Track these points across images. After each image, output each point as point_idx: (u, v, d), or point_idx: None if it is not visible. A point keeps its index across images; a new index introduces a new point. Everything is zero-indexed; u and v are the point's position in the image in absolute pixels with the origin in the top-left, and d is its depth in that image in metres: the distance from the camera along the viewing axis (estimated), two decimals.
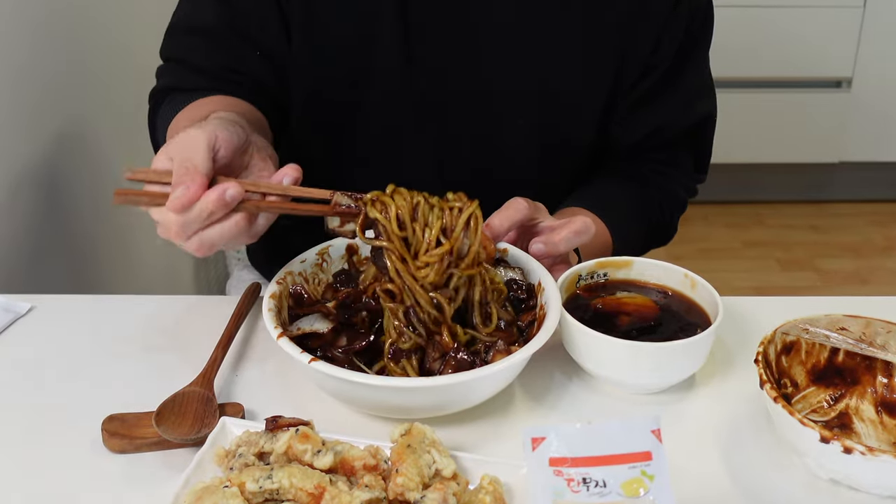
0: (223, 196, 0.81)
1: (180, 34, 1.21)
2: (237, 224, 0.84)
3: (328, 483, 0.77)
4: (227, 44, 1.18)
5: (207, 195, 0.81)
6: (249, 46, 1.18)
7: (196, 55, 1.19)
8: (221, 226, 0.83)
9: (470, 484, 0.81)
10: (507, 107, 1.20)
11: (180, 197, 0.80)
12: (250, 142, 0.92)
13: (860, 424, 0.92)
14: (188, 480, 0.78)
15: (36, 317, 1.09)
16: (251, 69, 1.18)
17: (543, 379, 0.99)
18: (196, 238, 0.84)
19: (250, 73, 1.18)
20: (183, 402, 0.91)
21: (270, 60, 1.18)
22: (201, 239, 0.84)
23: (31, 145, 1.43)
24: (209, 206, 0.81)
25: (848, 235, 3.27)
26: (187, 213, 0.81)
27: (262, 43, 1.18)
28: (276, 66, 1.19)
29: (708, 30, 1.25)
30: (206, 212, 0.82)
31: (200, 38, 1.19)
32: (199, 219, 0.82)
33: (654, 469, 0.68)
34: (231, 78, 1.17)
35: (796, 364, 0.94)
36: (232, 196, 0.82)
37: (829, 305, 0.98)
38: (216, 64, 1.18)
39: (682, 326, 0.97)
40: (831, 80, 3.20)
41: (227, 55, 1.18)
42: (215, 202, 0.81)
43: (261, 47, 1.18)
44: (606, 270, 1.03)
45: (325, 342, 0.93)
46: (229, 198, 0.82)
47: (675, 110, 1.26)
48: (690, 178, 1.34)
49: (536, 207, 1.05)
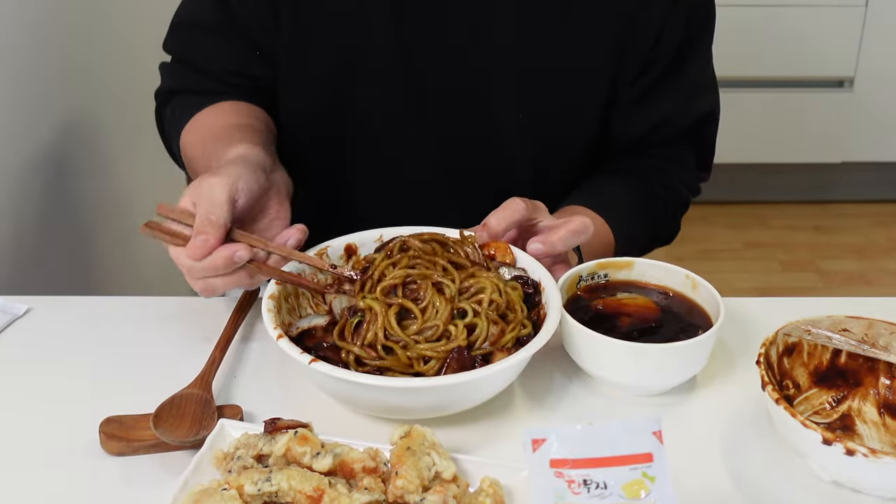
0: (232, 257, 0.91)
1: (182, 31, 1.23)
2: (239, 278, 0.94)
3: (327, 486, 0.76)
4: (229, 43, 1.19)
5: (218, 251, 0.91)
6: (249, 46, 1.19)
7: (199, 55, 1.22)
8: (226, 278, 0.93)
9: (470, 486, 0.81)
10: (506, 102, 1.20)
11: (199, 247, 0.90)
12: (271, 184, 1.00)
13: (863, 426, 0.92)
14: (186, 483, 0.78)
15: (33, 318, 1.09)
16: (252, 70, 1.20)
17: (544, 380, 0.98)
18: (202, 282, 0.94)
19: (251, 74, 1.20)
20: (181, 404, 0.91)
21: (270, 60, 1.18)
22: (206, 283, 0.94)
23: (30, 145, 1.43)
24: (218, 262, 0.91)
25: (851, 236, 3.26)
26: (200, 262, 0.91)
27: (261, 42, 1.19)
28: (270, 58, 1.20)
29: (709, 25, 1.24)
30: (213, 266, 0.91)
31: (202, 37, 1.21)
32: (207, 270, 0.92)
33: (655, 471, 0.68)
34: (232, 81, 1.20)
35: (798, 366, 0.94)
36: (240, 258, 0.92)
37: (831, 307, 0.97)
38: (218, 66, 1.21)
39: (683, 328, 0.96)
40: (834, 80, 3.20)
41: (229, 56, 1.20)
42: (224, 260, 0.91)
43: (260, 47, 1.19)
44: (607, 271, 1.03)
45: (318, 340, 0.93)
46: (237, 259, 0.91)
47: (677, 105, 1.26)
48: (693, 175, 1.33)
49: (535, 207, 1.04)
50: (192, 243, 0.91)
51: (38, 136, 1.44)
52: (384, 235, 1.03)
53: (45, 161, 1.46)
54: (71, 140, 1.55)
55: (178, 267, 0.94)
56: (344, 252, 1.04)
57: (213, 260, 0.91)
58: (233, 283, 0.94)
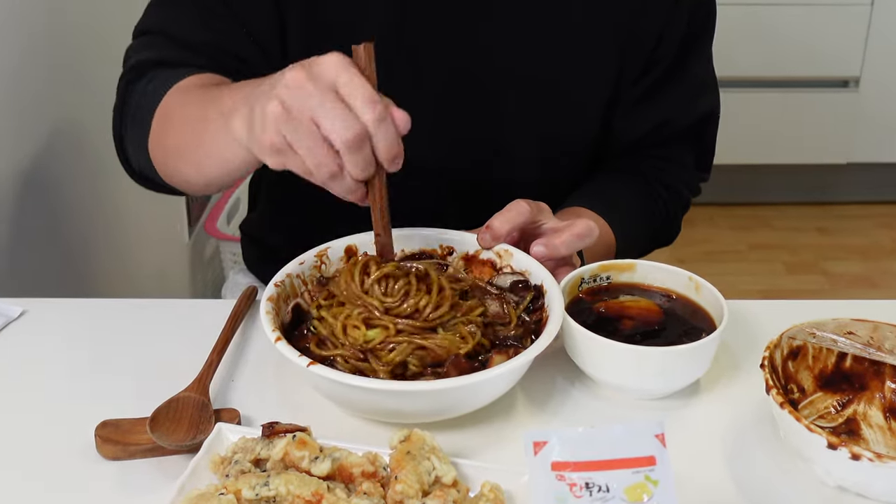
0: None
1: (161, 6, 1.15)
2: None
3: (326, 490, 0.76)
4: (214, 17, 1.12)
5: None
6: (236, 23, 1.12)
7: (180, 27, 1.12)
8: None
9: (471, 491, 0.80)
10: (509, 102, 1.20)
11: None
12: None
13: (868, 431, 0.91)
14: (183, 487, 0.77)
15: (28, 321, 1.08)
16: (237, 48, 1.12)
17: (545, 384, 0.98)
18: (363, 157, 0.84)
19: (237, 52, 1.12)
20: (178, 407, 0.90)
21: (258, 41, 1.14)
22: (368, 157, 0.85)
23: (22, 147, 1.43)
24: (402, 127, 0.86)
25: (856, 238, 3.25)
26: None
27: (249, 22, 1.13)
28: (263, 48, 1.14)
29: (710, 23, 1.24)
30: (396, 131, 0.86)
31: (184, 9, 1.12)
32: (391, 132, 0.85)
33: (658, 474, 0.68)
34: (216, 56, 1.11)
35: (803, 369, 0.93)
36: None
37: (836, 309, 0.97)
38: (201, 39, 1.11)
39: (686, 330, 0.96)
40: (839, 80, 3.19)
41: (214, 29, 1.11)
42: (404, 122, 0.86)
43: (248, 26, 1.13)
44: (609, 273, 1.02)
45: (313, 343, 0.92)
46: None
47: (678, 105, 1.26)
48: (694, 175, 1.33)
49: (539, 209, 1.04)
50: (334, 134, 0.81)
51: (29, 140, 1.44)
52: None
53: (37, 164, 1.46)
54: (62, 143, 1.55)
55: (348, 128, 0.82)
56: (344, 254, 1.04)
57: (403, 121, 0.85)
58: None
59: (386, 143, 0.83)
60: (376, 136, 0.83)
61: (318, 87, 0.81)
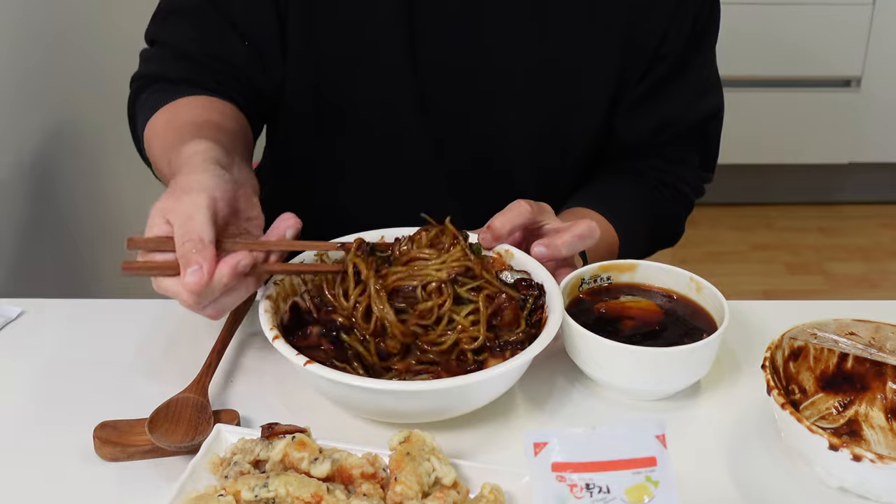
0: (237, 268, 0.84)
1: (165, 17, 1.19)
2: (248, 288, 0.88)
3: (325, 491, 0.76)
4: (213, 28, 1.15)
5: (221, 270, 0.83)
6: (235, 33, 1.15)
7: (181, 38, 1.16)
8: (236, 293, 0.87)
9: (471, 492, 0.80)
10: (512, 101, 1.20)
11: (197, 280, 0.82)
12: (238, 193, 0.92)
13: (870, 432, 0.91)
14: (182, 489, 0.77)
15: (26, 321, 1.08)
16: (236, 58, 1.15)
17: (545, 384, 0.97)
18: (211, 307, 0.86)
19: (235, 61, 1.15)
20: (177, 408, 0.90)
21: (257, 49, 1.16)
22: (216, 307, 0.86)
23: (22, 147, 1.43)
24: (224, 280, 0.83)
25: (857, 238, 3.25)
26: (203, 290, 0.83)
27: (248, 31, 1.15)
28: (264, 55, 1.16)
29: (714, 22, 1.24)
30: (220, 285, 0.84)
31: (185, 20, 1.16)
32: (215, 292, 0.84)
33: (658, 475, 0.67)
34: (215, 66, 1.14)
35: (804, 370, 0.93)
36: (245, 266, 0.84)
37: (837, 309, 0.97)
38: (200, 50, 1.15)
39: (687, 331, 0.96)
40: (840, 80, 3.19)
41: (213, 40, 1.15)
42: (229, 276, 0.83)
43: (247, 36, 1.15)
44: (610, 274, 1.02)
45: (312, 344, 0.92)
46: (242, 268, 0.84)
47: (682, 104, 1.25)
48: (697, 176, 1.33)
49: (541, 209, 1.04)
50: (186, 277, 0.82)
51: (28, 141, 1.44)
52: (385, 237, 1.03)
53: (36, 165, 1.46)
54: (61, 144, 1.55)
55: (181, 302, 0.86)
56: None
57: (219, 279, 0.83)
58: (242, 294, 0.87)
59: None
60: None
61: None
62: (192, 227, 0.83)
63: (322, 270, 0.96)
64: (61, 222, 1.56)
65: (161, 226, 0.86)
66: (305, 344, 0.92)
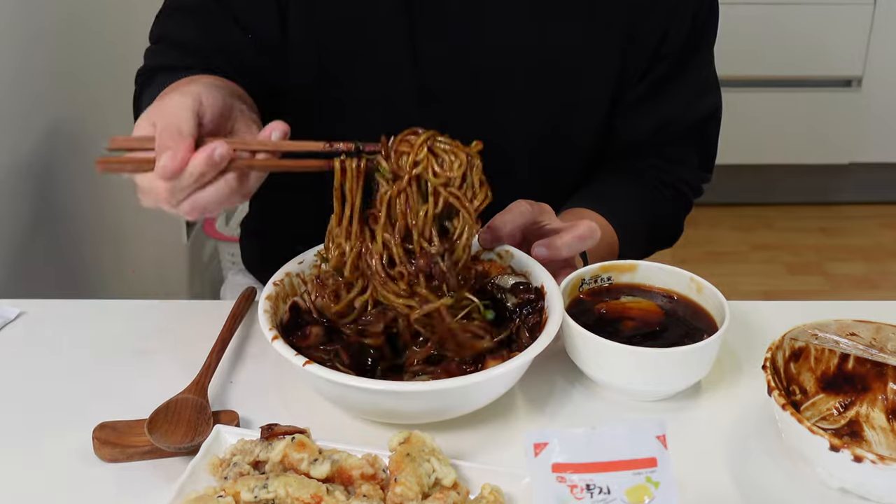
0: (212, 156, 0.80)
1: (170, 14, 1.19)
2: (228, 184, 0.83)
3: (325, 492, 0.76)
4: (215, 23, 1.15)
5: (196, 157, 0.80)
6: (238, 27, 1.15)
7: (183, 32, 1.16)
8: (214, 187, 0.82)
9: (471, 493, 0.80)
10: (512, 99, 1.19)
11: (167, 164, 0.79)
12: (234, 106, 0.91)
13: (871, 432, 0.91)
14: (181, 490, 0.77)
15: (25, 322, 1.08)
16: (240, 50, 1.15)
17: (545, 385, 0.97)
18: (188, 202, 0.82)
19: (239, 53, 1.15)
20: (176, 409, 0.90)
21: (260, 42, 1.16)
22: (193, 202, 0.82)
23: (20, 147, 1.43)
24: (199, 168, 0.80)
25: (858, 238, 3.25)
26: (177, 179, 0.80)
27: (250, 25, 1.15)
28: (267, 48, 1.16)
29: (714, 21, 1.24)
30: (195, 174, 0.80)
31: (190, 17, 1.16)
32: (189, 182, 0.81)
33: (659, 476, 0.67)
34: (218, 58, 1.13)
35: (805, 370, 0.93)
36: (221, 155, 0.81)
37: (838, 310, 0.96)
38: (204, 43, 1.15)
39: (687, 332, 0.95)
40: (841, 79, 3.18)
41: (216, 34, 1.15)
42: (204, 163, 0.80)
43: (251, 30, 1.15)
44: (610, 274, 1.02)
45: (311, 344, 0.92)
46: (218, 157, 0.81)
47: (681, 104, 1.25)
48: (696, 176, 1.33)
49: (541, 209, 1.03)
50: (159, 162, 0.79)
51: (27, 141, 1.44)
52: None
53: (34, 165, 1.46)
54: (60, 144, 1.55)
55: (155, 199, 0.83)
56: None
57: (193, 167, 0.80)
58: (221, 193, 0.83)
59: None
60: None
61: None
62: (171, 121, 0.82)
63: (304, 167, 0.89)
64: (60, 223, 1.55)
65: (146, 128, 0.84)
66: (305, 344, 0.92)
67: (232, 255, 2.23)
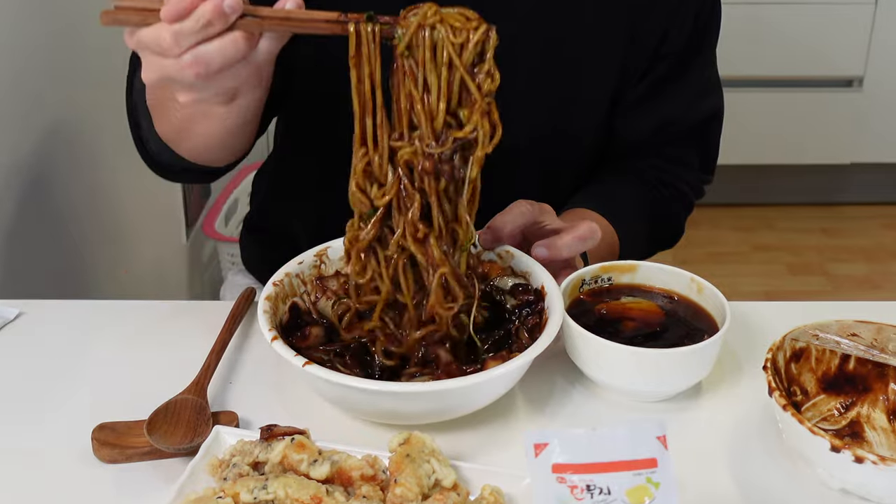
0: (220, 4, 0.77)
1: None
2: (236, 43, 0.80)
3: (325, 493, 0.76)
4: None
5: (204, 3, 0.77)
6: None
7: None
8: (219, 41, 0.79)
9: (471, 494, 0.80)
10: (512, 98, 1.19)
11: (176, 6, 0.76)
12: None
13: (872, 433, 0.90)
14: (181, 491, 0.77)
15: (24, 323, 1.07)
16: None
17: (545, 385, 0.97)
18: (190, 53, 0.79)
19: None
20: (175, 410, 0.89)
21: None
22: (196, 54, 0.79)
23: (18, 147, 1.43)
24: (206, 15, 0.77)
25: (859, 239, 3.24)
26: (182, 23, 0.78)
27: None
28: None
29: (716, 21, 1.24)
30: (202, 20, 0.78)
31: None
32: (195, 29, 0.78)
33: (659, 476, 0.67)
34: None
35: (806, 371, 0.93)
36: (230, 5, 0.78)
37: (839, 311, 0.96)
38: None
39: (688, 332, 0.95)
40: (842, 79, 3.18)
41: None
42: (212, 10, 0.77)
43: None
44: (611, 275, 1.02)
45: (311, 344, 0.92)
46: (227, 7, 0.78)
47: (683, 105, 1.25)
48: (697, 177, 1.33)
49: (542, 210, 1.03)
50: (167, 5, 0.76)
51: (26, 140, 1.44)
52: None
53: (33, 165, 1.46)
54: (59, 143, 1.55)
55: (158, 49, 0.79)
56: (344, 253, 1.03)
57: (200, 12, 0.77)
58: (227, 50, 0.80)
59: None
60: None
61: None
62: None
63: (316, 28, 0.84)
64: (59, 223, 1.55)
65: None
66: (305, 345, 0.92)
67: (231, 256, 2.22)
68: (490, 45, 0.87)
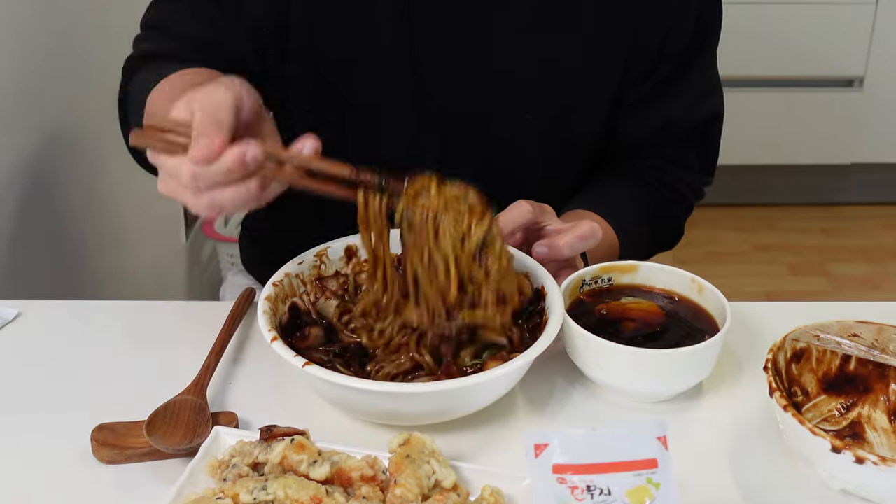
0: (244, 156, 0.79)
1: (161, 4, 1.17)
2: (249, 190, 0.82)
3: (324, 494, 0.75)
4: (209, 13, 1.13)
5: (230, 151, 0.79)
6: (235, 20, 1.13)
7: (178, 23, 1.15)
8: (234, 189, 0.82)
9: (471, 495, 0.80)
10: (514, 101, 1.19)
11: (203, 148, 0.78)
12: (263, 112, 0.89)
13: (873, 434, 0.90)
14: (180, 492, 0.77)
15: (23, 323, 1.08)
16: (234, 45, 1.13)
17: (545, 386, 0.97)
18: (207, 196, 0.81)
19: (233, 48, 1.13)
20: (175, 410, 0.89)
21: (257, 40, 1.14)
22: (212, 199, 0.81)
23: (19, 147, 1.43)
24: (228, 164, 0.79)
25: (860, 239, 3.24)
26: (205, 167, 0.79)
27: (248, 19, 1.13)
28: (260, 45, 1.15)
29: (717, 22, 1.24)
30: (224, 169, 0.79)
31: (183, 5, 1.15)
32: (215, 175, 0.80)
33: (660, 477, 0.67)
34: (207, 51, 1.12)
35: (807, 372, 0.93)
36: (253, 158, 0.80)
37: (840, 311, 0.96)
38: (198, 34, 1.13)
39: (688, 333, 0.95)
40: (843, 79, 3.18)
41: (211, 25, 1.13)
42: (235, 161, 0.79)
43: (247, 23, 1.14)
44: (611, 275, 1.02)
45: (311, 345, 0.92)
46: (250, 159, 0.80)
47: (683, 106, 1.25)
48: (698, 178, 1.33)
49: (542, 210, 1.03)
50: (195, 145, 0.78)
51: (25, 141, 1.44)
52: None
53: (33, 166, 1.46)
54: (59, 144, 1.55)
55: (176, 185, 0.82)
56: (344, 254, 1.03)
57: (223, 161, 0.79)
58: (241, 196, 0.82)
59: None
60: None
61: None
62: (214, 111, 0.81)
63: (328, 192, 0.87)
64: (59, 224, 1.55)
65: (183, 113, 0.82)
66: (304, 345, 0.92)
67: (231, 256, 2.22)
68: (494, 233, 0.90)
